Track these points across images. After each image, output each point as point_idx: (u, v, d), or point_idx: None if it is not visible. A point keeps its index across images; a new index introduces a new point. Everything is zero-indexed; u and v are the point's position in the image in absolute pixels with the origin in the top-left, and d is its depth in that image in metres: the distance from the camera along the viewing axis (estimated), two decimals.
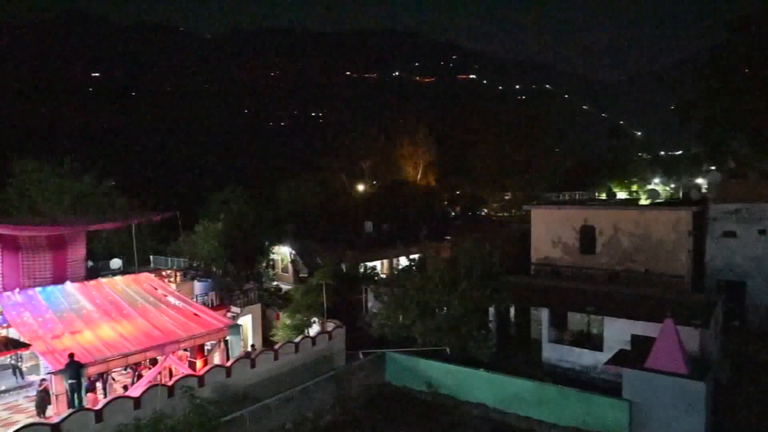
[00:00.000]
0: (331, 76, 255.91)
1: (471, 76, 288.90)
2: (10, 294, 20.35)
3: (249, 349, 24.99)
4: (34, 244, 22.19)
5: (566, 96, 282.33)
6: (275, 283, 36.43)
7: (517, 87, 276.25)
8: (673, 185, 76.16)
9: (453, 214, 68.66)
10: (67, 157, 38.42)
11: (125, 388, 19.93)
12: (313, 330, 26.47)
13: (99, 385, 20.03)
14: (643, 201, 40.71)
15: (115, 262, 27.71)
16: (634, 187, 70.07)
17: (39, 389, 18.38)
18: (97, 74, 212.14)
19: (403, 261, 41.15)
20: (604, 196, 53.69)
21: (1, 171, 38.80)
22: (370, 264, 38.62)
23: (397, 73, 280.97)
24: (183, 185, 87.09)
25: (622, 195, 63.83)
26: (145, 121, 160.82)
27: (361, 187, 69.95)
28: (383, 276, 36.90)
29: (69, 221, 26.55)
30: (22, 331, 18.47)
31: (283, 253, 41.78)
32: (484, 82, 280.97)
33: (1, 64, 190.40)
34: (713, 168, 41.98)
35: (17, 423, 16.18)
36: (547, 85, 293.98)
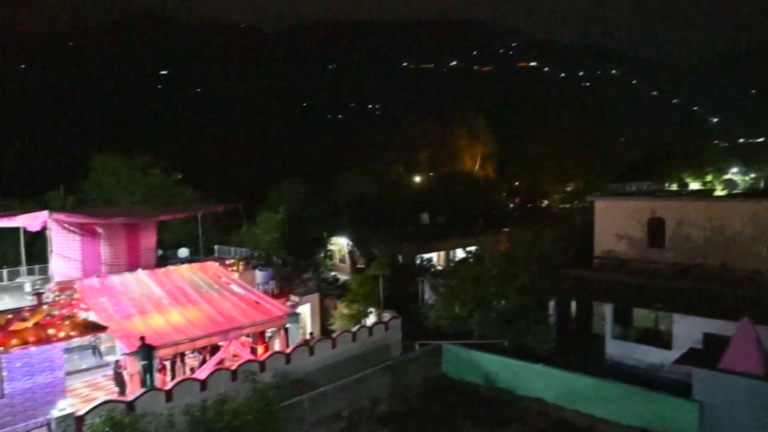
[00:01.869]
0: (388, 67, 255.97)
1: (532, 64, 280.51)
2: (89, 280, 21.80)
3: (308, 336, 25.62)
4: (111, 233, 23.64)
5: (634, 81, 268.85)
6: (333, 273, 37.08)
7: (581, 74, 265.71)
8: (753, 175, 71.14)
9: (512, 205, 67.29)
10: (139, 151, 40.64)
11: (192, 370, 20.95)
12: (370, 320, 26.76)
13: (167, 365, 21.09)
14: (719, 192, 38.27)
15: (183, 251, 29.02)
16: (709, 178, 65.89)
17: (116, 369, 19.64)
18: (165, 72, 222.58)
19: (460, 253, 40.78)
20: (674, 186, 50.94)
21: (81, 165, 41.53)
22: (426, 255, 38.54)
23: (454, 63, 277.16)
24: (245, 178, 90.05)
25: (695, 186, 60.36)
26: (209, 116, 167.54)
27: (417, 179, 69.77)
28: (440, 268, 36.73)
29: (141, 212, 28.08)
30: (99, 315, 19.77)
31: (340, 243, 42.42)
32: (546, 69, 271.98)
33: (79, 65, 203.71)
34: None
35: (96, 399, 17.39)
36: (613, 71, 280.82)
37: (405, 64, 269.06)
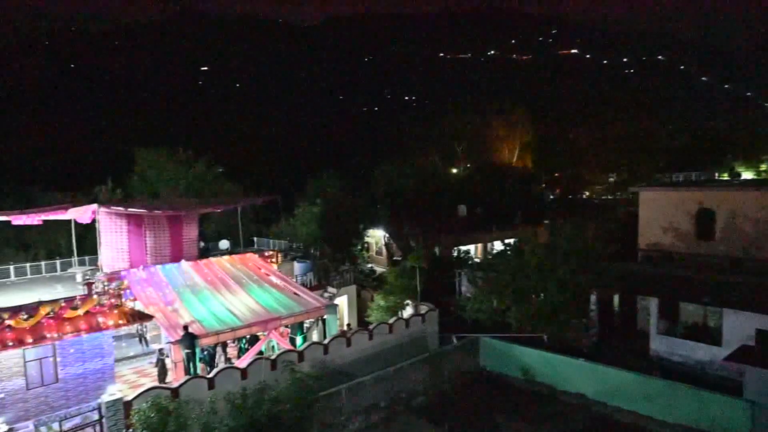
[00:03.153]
0: (425, 58, 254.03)
1: (573, 51, 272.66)
2: (135, 270, 22.60)
3: (345, 328, 25.83)
4: (156, 225, 24.41)
5: (682, 67, 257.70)
6: (369, 265, 37.22)
7: (625, 60, 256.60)
8: None
9: (551, 197, 65.81)
10: (181, 146, 41.79)
11: (228, 360, 21.42)
12: (407, 312, 26.76)
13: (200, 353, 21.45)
14: None
15: (224, 243, 29.70)
16: (763, 167, 62.69)
17: (158, 357, 20.32)
18: (205, 68, 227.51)
19: (498, 245, 40.23)
20: (725, 176, 48.71)
21: (126, 160, 43.02)
22: (463, 248, 38.22)
23: (492, 52, 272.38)
24: (283, 171, 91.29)
25: (747, 175, 57.59)
26: (247, 111, 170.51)
27: (454, 170, 69.15)
28: (477, 260, 36.36)
29: (184, 204, 28.84)
30: (146, 303, 20.48)
31: (377, 236, 42.52)
32: (587, 56, 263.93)
33: (123, 63, 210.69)
34: None
35: (143, 385, 18.04)
36: (660, 56, 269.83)
37: (442, 54, 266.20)
